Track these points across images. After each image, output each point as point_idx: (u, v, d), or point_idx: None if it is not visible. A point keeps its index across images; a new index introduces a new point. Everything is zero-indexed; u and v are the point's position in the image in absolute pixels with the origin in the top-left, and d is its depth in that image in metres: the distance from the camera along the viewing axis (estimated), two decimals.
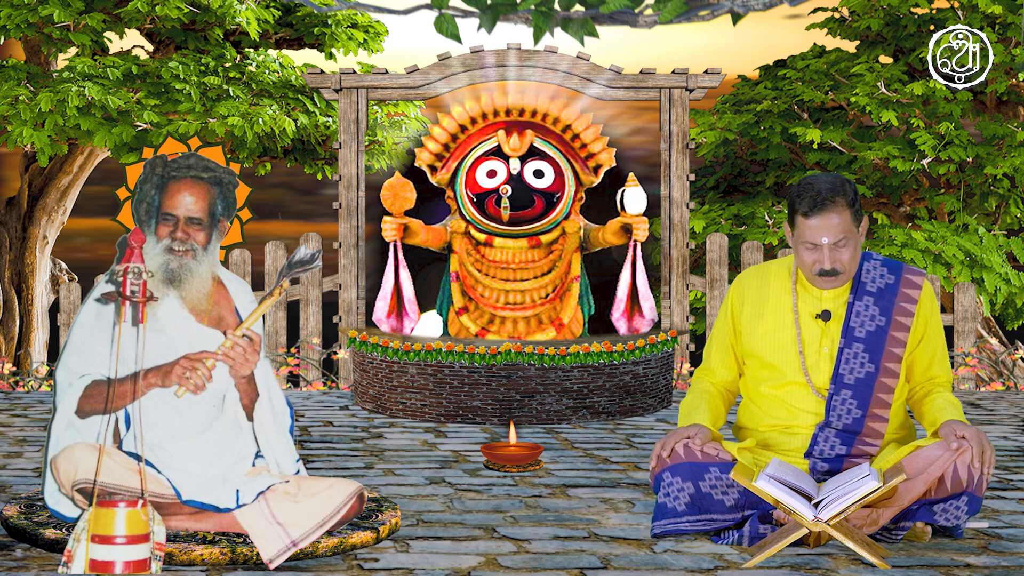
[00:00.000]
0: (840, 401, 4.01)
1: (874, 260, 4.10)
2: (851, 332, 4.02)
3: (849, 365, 4.01)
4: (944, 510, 3.88)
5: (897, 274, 4.08)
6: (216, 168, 3.91)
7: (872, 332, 4.02)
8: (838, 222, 3.93)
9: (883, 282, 4.07)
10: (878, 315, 4.03)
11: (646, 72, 8.19)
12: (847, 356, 4.01)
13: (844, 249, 3.97)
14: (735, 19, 2.59)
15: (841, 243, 3.96)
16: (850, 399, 4.00)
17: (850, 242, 3.97)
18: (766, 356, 4.09)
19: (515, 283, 6.93)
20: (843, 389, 4.01)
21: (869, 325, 4.02)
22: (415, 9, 2.59)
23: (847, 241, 3.96)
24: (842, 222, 3.93)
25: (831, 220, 3.93)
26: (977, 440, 3.84)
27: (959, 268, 9.93)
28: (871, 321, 4.03)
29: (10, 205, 11.95)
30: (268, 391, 3.92)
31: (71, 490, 3.68)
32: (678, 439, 4.01)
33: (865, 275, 4.07)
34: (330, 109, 10.18)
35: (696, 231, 10.43)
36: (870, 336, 4.02)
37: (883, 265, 4.09)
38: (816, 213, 3.93)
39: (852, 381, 4.01)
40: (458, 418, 6.57)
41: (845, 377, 4.01)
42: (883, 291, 4.05)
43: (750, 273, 4.21)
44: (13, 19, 9.77)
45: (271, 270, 8.92)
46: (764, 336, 4.10)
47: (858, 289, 4.05)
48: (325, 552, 3.71)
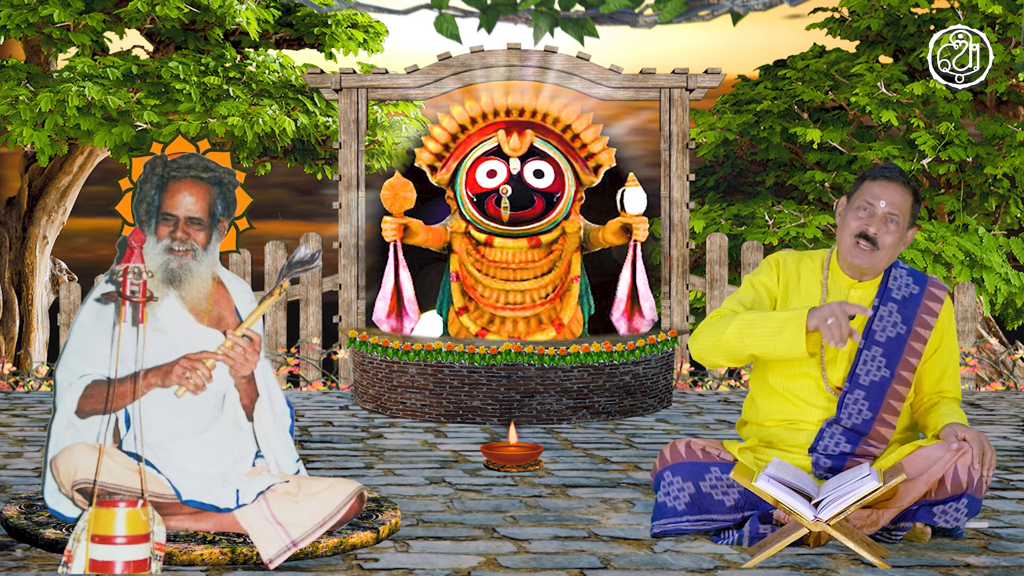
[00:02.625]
0: (853, 400, 4.02)
1: (901, 268, 4.15)
2: (872, 335, 4.05)
3: (866, 367, 4.03)
4: (944, 512, 3.88)
5: (922, 285, 4.12)
6: (216, 168, 3.91)
7: (892, 339, 4.05)
8: (900, 199, 4.02)
9: (908, 291, 4.11)
10: (900, 323, 4.07)
11: (646, 72, 8.19)
12: (865, 358, 4.03)
13: (891, 228, 4.02)
14: (735, 19, 2.60)
15: (892, 220, 4.01)
16: (862, 400, 4.02)
17: (899, 228, 4.02)
18: None
19: (515, 283, 6.93)
20: (857, 389, 4.02)
21: (890, 331, 4.06)
22: (415, 9, 2.59)
23: (897, 223, 4.02)
24: (903, 201, 4.02)
25: (895, 191, 4.02)
26: (978, 442, 3.85)
27: (959, 268, 9.93)
28: (892, 328, 4.06)
29: (10, 205, 11.95)
30: (268, 391, 3.92)
31: (71, 490, 3.68)
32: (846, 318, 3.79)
33: (892, 281, 4.11)
34: (330, 109, 10.17)
35: (696, 231, 10.43)
36: (890, 342, 4.05)
37: (909, 275, 4.14)
38: (886, 179, 4.04)
39: (867, 383, 4.02)
40: (458, 418, 6.57)
41: (861, 378, 4.03)
42: (907, 300, 4.09)
43: (788, 253, 4.23)
44: (13, 19, 9.77)
45: (271, 270, 8.92)
46: None
47: (884, 294, 4.09)
48: (325, 552, 3.71)
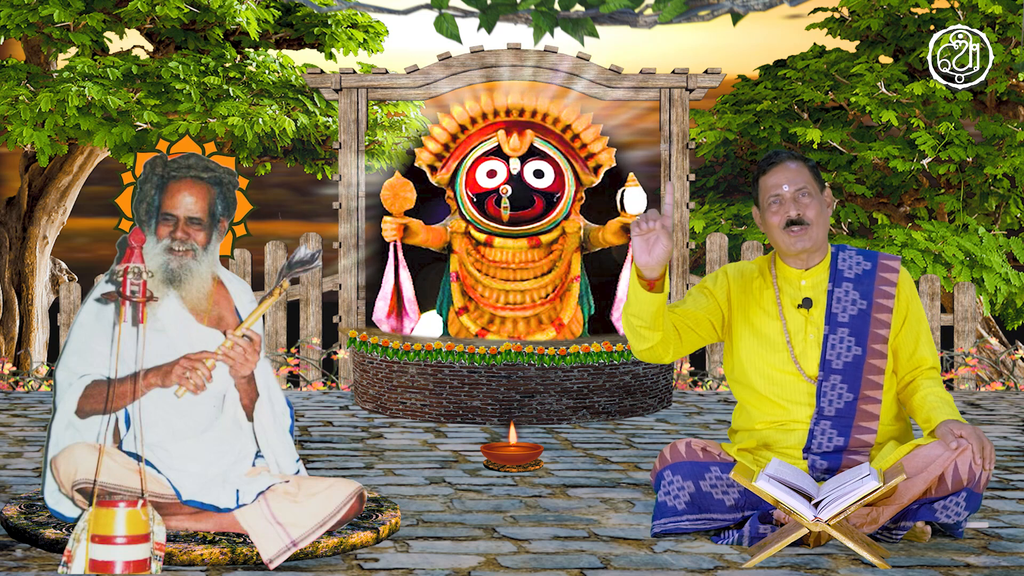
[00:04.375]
0: (830, 387, 4.03)
1: (849, 250, 4.17)
2: (834, 318, 4.06)
3: (836, 350, 4.04)
4: (944, 507, 3.88)
5: (873, 260, 4.14)
6: (216, 168, 3.91)
7: (855, 316, 4.07)
8: (795, 169, 4.06)
9: (860, 268, 4.13)
10: (859, 299, 4.08)
11: (646, 72, 8.19)
12: (832, 341, 4.05)
13: (808, 201, 4.05)
14: (735, 19, 2.60)
15: (803, 193, 4.04)
16: (840, 384, 4.03)
17: (813, 199, 4.05)
18: (757, 351, 4.10)
19: (515, 283, 6.93)
20: (832, 374, 4.04)
21: (851, 309, 4.07)
22: (415, 9, 2.59)
23: (808, 194, 4.05)
24: (799, 172, 4.06)
25: (788, 168, 4.06)
26: (976, 437, 3.86)
27: (959, 268, 9.93)
28: (852, 305, 4.08)
29: (10, 205, 11.95)
30: (268, 391, 3.92)
31: (71, 490, 3.68)
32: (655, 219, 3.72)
33: (841, 263, 4.13)
34: (330, 109, 10.17)
35: (696, 231, 10.43)
36: (853, 320, 4.06)
37: (858, 254, 4.16)
38: (772, 166, 4.08)
39: (840, 366, 4.03)
40: (458, 418, 6.57)
41: (833, 362, 4.04)
42: (861, 277, 4.11)
43: (733, 267, 4.23)
44: (13, 19, 9.77)
45: (271, 270, 8.92)
46: (753, 332, 4.11)
47: (836, 276, 4.11)
48: (325, 552, 3.71)
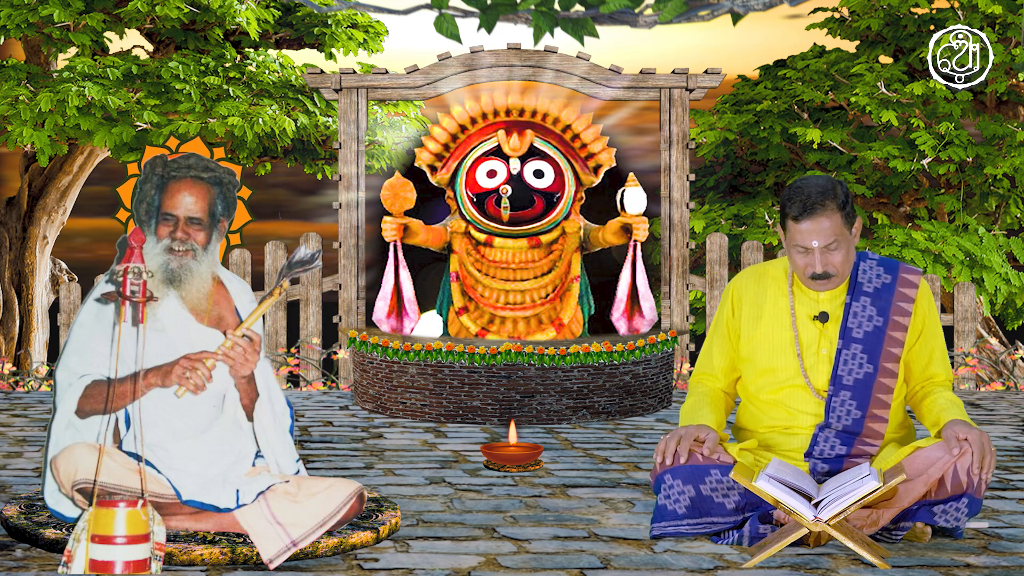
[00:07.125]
0: (840, 403, 4.00)
1: (870, 260, 4.08)
2: (849, 333, 4.01)
3: (848, 366, 4.00)
4: (944, 511, 3.87)
5: (894, 273, 4.06)
6: (216, 168, 3.91)
7: (870, 332, 4.01)
8: (828, 226, 3.90)
9: (879, 282, 4.05)
10: (875, 315, 4.01)
11: (646, 72, 8.19)
12: (845, 357, 4.00)
13: (836, 252, 3.94)
14: (735, 19, 2.59)
15: (832, 246, 3.93)
16: (849, 400, 4.00)
17: (842, 245, 3.94)
18: (765, 359, 4.07)
19: (515, 283, 6.92)
20: (842, 390, 4.00)
21: (867, 326, 4.01)
22: (415, 9, 2.59)
23: (838, 244, 3.94)
24: (832, 225, 3.91)
25: (821, 224, 3.90)
26: (979, 444, 3.82)
27: (959, 268, 9.93)
28: (868, 322, 4.01)
29: (10, 205, 11.95)
30: (268, 391, 3.92)
31: (71, 490, 3.68)
32: (688, 441, 3.96)
33: (861, 275, 4.06)
34: (330, 109, 10.17)
35: (696, 231, 10.43)
36: (868, 337, 4.00)
37: (879, 265, 4.08)
38: (806, 217, 3.90)
39: (851, 382, 4.00)
40: (458, 418, 6.57)
41: (844, 378, 4.00)
42: (880, 291, 4.04)
43: (747, 274, 4.19)
44: (13, 19, 9.77)
45: (271, 270, 8.92)
46: (763, 339, 4.08)
47: (855, 290, 4.03)
48: (325, 552, 3.71)
